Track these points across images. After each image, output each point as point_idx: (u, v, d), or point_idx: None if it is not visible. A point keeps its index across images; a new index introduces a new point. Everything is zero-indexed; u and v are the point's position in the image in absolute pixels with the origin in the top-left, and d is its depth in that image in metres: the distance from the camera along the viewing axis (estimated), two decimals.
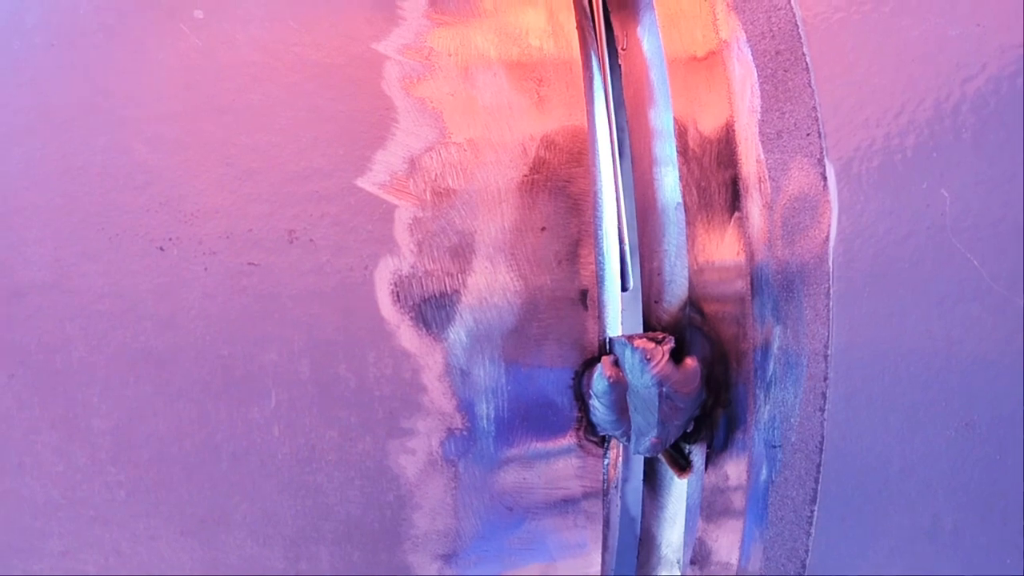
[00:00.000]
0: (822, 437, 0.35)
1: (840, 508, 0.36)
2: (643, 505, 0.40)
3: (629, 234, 0.37)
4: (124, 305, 0.34)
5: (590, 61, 0.38)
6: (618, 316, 0.37)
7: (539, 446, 0.35)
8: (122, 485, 0.34)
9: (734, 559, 0.37)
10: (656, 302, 0.36)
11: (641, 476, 0.42)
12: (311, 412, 0.34)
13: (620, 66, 0.40)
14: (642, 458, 0.41)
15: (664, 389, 0.34)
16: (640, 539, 0.40)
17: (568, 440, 0.36)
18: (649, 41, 0.39)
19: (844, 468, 0.35)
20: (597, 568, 0.38)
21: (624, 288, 0.38)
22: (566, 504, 0.36)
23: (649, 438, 0.35)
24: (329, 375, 0.34)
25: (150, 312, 0.34)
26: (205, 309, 0.34)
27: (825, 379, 0.35)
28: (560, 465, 0.36)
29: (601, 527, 0.37)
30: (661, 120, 0.37)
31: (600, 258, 0.36)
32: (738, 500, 0.36)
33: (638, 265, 0.38)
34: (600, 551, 0.38)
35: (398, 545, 0.35)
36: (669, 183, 0.36)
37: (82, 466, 0.34)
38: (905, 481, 0.35)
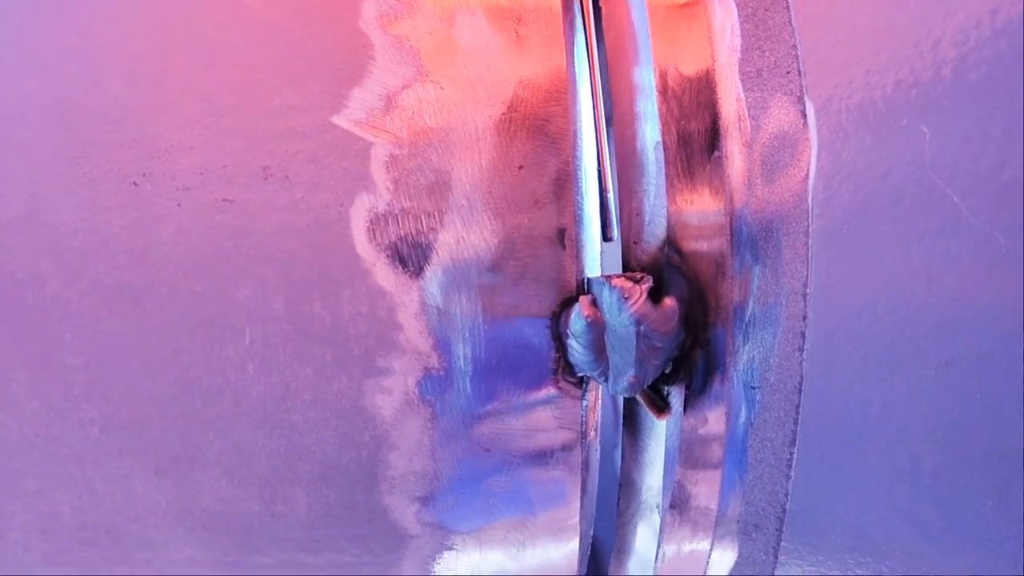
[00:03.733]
0: (801, 377, 0.35)
1: (819, 450, 0.35)
2: (623, 449, 0.39)
3: (611, 176, 0.37)
4: (98, 241, 0.33)
5: (571, 1, 0.37)
6: (597, 257, 0.37)
7: (516, 386, 0.35)
8: (95, 423, 0.34)
9: (714, 504, 0.37)
10: (635, 243, 0.36)
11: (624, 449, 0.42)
12: (285, 350, 0.34)
13: (601, 8, 0.40)
14: (623, 422, 0.41)
15: (642, 328, 0.34)
16: (620, 485, 0.40)
17: (546, 381, 0.35)
18: None
19: (823, 408, 0.35)
20: (577, 519, 0.38)
21: (607, 238, 0.38)
22: (545, 447, 0.36)
23: (627, 377, 0.34)
24: (304, 312, 0.34)
25: (124, 248, 0.33)
26: (178, 245, 0.34)
27: (804, 318, 0.34)
28: (538, 405, 0.35)
29: (580, 472, 0.37)
30: (641, 61, 0.37)
31: (579, 197, 0.35)
32: (717, 442, 0.36)
33: (617, 206, 0.37)
34: (579, 499, 0.37)
35: (374, 486, 0.35)
36: (648, 123, 0.36)
37: (56, 403, 0.34)
38: (884, 422, 0.35)
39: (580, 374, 0.35)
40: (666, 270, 0.35)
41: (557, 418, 0.36)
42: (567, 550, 0.40)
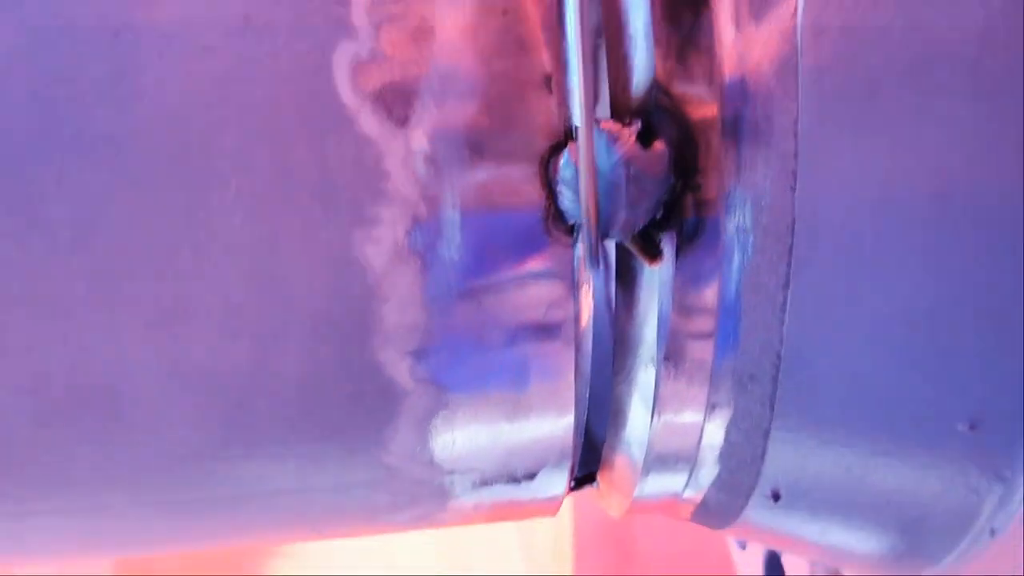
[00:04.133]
0: (793, 218, 0.34)
1: (813, 293, 0.35)
2: (616, 305, 0.39)
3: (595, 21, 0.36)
4: (79, 90, 0.33)
5: None
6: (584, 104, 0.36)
7: (506, 236, 0.35)
8: (82, 276, 0.33)
9: (708, 354, 0.37)
10: (623, 89, 0.36)
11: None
12: (272, 199, 0.34)
13: None
14: (615, 277, 0.40)
15: (631, 171, 0.34)
16: (615, 341, 0.39)
17: (536, 229, 0.35)
18: None
19: (816, 248, 0.35)
20: (572, 376, 0.38)
21: None
22: (538, 297, 0.36)
23: (617, 222, 0.34)
24: (289, 161, 0.34)
25: (106, 97, 0.33)
26: (160, 94, 0.33)
27: (795, 156, 0.34)
28: (529, 254, 0.35)
29: (573, 324, 0.36)
30: None
31: (564, 42, 0.35)
32: (710, 290, 0.36)
33: (604, 52, 0.37)
34: (573, 354, 0.37)
35: (366, 340, 0.35)
36: None
37: (40, 257, 0.33)
38: (877, 261, 0.35)
39: (571, 221, 0.35)
40: (655, 114, 0.35)
41: (548, 267, 0.35)
42: (564, 421, 0.39)
